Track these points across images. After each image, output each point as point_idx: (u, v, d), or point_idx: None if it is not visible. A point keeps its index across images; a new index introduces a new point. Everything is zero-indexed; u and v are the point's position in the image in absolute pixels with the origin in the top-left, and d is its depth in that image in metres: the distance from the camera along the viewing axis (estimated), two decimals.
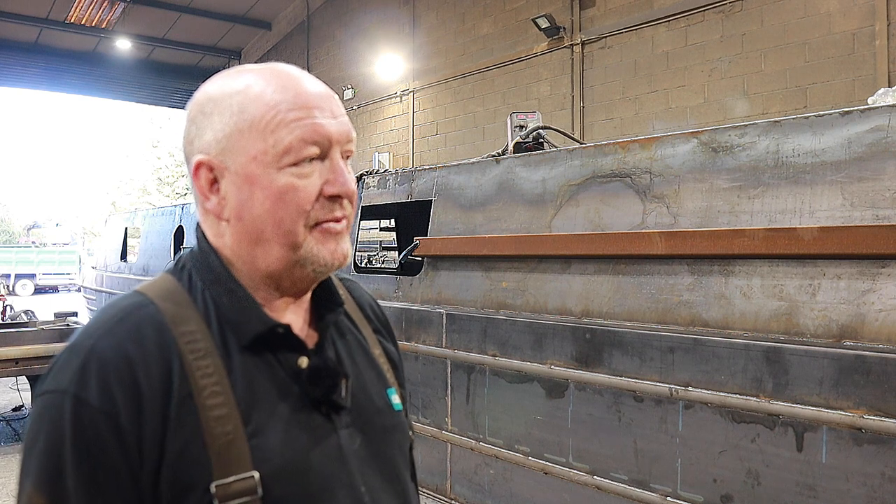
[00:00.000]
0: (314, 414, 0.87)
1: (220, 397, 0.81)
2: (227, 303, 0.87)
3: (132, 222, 9.61)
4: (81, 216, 46.45)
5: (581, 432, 2.87)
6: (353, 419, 0.91)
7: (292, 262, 0.87)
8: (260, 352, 0.86)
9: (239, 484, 0.78)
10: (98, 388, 0.77)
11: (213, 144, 0.87)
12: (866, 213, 2.12)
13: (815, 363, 2.16)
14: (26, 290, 26.91)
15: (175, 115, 32.13)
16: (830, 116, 2.25)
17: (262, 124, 0.84)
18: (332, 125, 0.87)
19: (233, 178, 0.86)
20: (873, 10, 7.39)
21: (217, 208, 0.88)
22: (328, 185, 0.87)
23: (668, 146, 2.69)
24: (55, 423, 0.77)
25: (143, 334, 0.81)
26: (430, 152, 13.43)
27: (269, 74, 0.88)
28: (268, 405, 0.84)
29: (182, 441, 0.78)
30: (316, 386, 0.87)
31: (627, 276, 2.74)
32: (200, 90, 0.91)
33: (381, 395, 0.98)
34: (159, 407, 0.78)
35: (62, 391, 0.78)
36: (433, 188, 3.75)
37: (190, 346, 0.82)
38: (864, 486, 2.06)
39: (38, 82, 19.07)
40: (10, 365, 5.55)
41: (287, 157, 0.84)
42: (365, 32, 15.12)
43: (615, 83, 10.10)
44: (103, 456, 0.76)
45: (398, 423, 0.99)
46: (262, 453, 0.80)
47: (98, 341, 0.80)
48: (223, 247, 0.90)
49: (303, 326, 0.94)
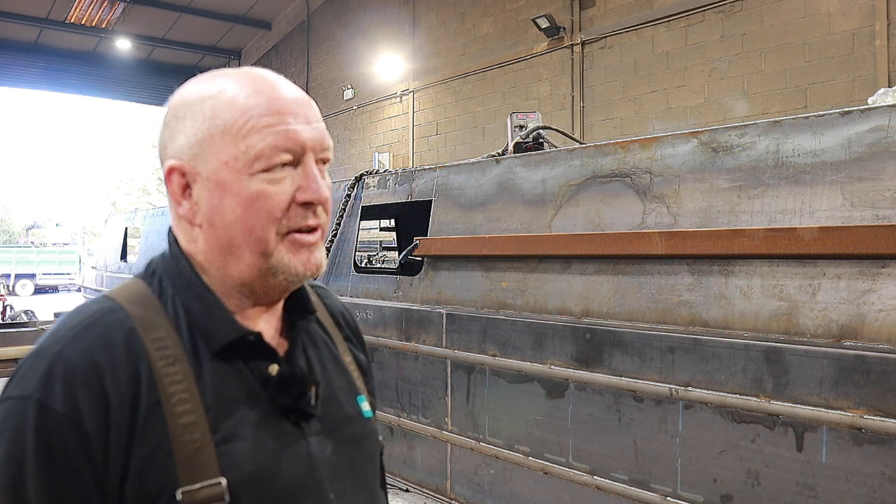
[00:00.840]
0: (283, 422, 0.87)
1: (188, 404, 0.80)
2: (198, 309, 0.86)
3: (132, 222, 9.61)
4: (81, 216, 46.46)
5: (581, 432, 2.87)
6: (324, 427, 0.91)
7: (263, 271, 0.86)
8: (230, 359, 0.86)
9: (206, 490, 0.77)
10: (63, 395, 0.76)
11: (185, 149, 0.86)
12: (866, 213, 2.12)
13: (815, 363, 2.16)
14: (26, 290, 26.92)
15: None
16: (830, 116, 2.25)
17: (234, 129, 0.84)
18: (306, 131, 0.86)
19: (205, 183, 0.85)
20: (873, 10, 7.39)
21: (189, 214, 0.87)
22: (300, 192, 0.86)
23: (668, 146, 2.69)
24: (18, 429, 0.76)
25: (112, 340, 0.80)
26: (430, 152, 13.43)
27: (244, 79, 0.87)
28: (237, 412, 0.83)
29: (149, 448, 0.77)
30: (285, 394, 0.87)
31: (627, 276, 2.74)
32: (176, 94, 0.90)
33: (352, 403, 0.98)
34: (126, 414, 0.77)
35: (26, 397, 0.77)
36: (433, 188, 3.75)
37: (159, 352, 0.81)
38: (864, 486, 2.06)
39: (38, 82, 19.07)
40: (9, 365, 5.55)
41: (258, 163, 0.83)
42: (365, 32, 15.12)
43: (615, 83, 10.10)
44: (67, 463, 0.75)
45: (369, 431, 0.99)
46: (230, 460, 0.80)
47: (65, 347, 0.79)
48: (196, 252, 0.89)
49: (274, 334, 0.94)
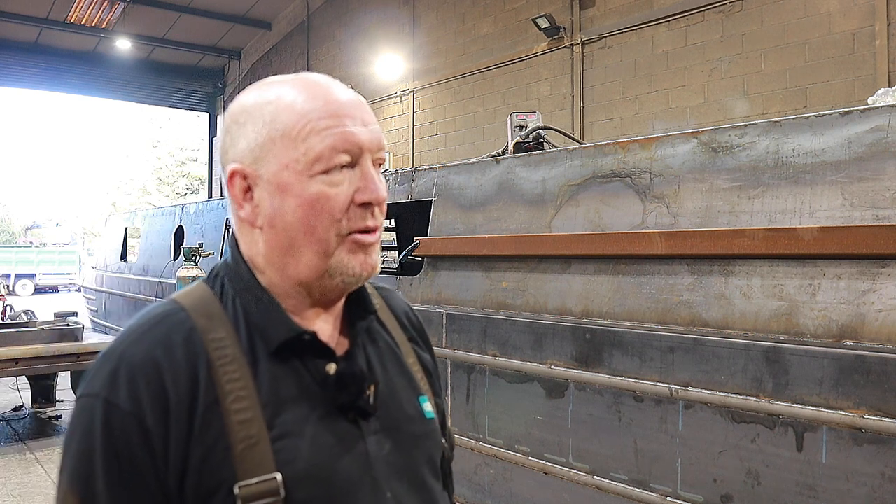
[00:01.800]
0: (341, 420, 0.88)
1: (245, 402, 0.82)
2: (256, 310, 0.89)
3: (132, 222, 9.61)
4: (81, 216, 46.44)
5: (581, 432, 2.87)
6: (382, 426, 0.92)
7: (322, 272, 0.88)
8: (287, 358, 0.88)
9: (262, 485, 0.79)
10: (127, 393, 0.80)
11: (246, 153, 0.88)
12: (866, 213, 2.12)
13: (815, 363, 2.16)
14: (26, 290, 26.90)
15: (175, 115, 32.15)
16: (830, 116, 2.25)
17: (294, 133, 0.86)
18: (363, 133, 0.88)
19: (266, 186, 0.87)
20: (873, 10, 7.39)
21: (251, 216, 0.90)
22: (359, 193, 0.87)
23: (668, 146, 2.69)
24: (88, 425, 0.81)
25: (173, 341, 0.84)
26: (430, 152, 13.43)
27: (300, 84, 0.89)
28: (293, 410, 0.85)
29: (207, 445, 0.80)
30: (342, 392, 0.88)
31: (627, 276, 2.74)
32: (235, 101, 0.93)
33: (413, 403, 0.98)
34: (185, 412, 0.81)
35: (95, 395, 0.82)
36: (433, 188, 3.75)
37: (218, 352, 0.84)
38: (864, 486, 2.06)
39: (38, 82, 19.05)
40: (10, 365, 5.54)
41: (318, 165, 0.85)
42: (365, 32, 15.12)
43: (615, 83, 10.10)
44: (131, 458, 0.79)
45: (429, 432, 0.99)
46: (286, 456, 0.82)
47: (129, 347, 0.84)
48: (256, 254, 0.91)
49: (333, 333, 0.95)
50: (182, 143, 33.98)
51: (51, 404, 6.83)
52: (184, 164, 33.92)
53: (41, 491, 4.63)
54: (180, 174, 33.93)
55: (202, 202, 7.67)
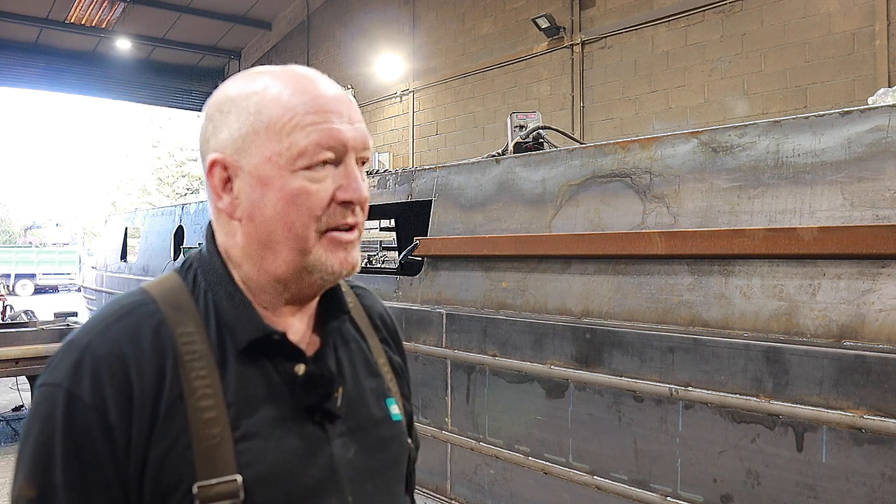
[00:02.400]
0: (307, 422, 0.87)
1: (210, 399, 0.81)
2: (227, 306, 0.87)
3: (132, 222, 9.61)
4: (81, 216, 46.43)
5: (581, 432, 2.87)
6: (349, 428, 0.91)
7: (300, 268, 0.87)
8: (256, 357, 0.86)
9: (221, 486, 0.78)
10: (90, 385, 0.78)
11: (228, 143, 0.87)
12: (866, 213, 2.12)
13: (815, 363, 2.16)
14: (26, 290, 26.91)
15: (175, 115, 32.12)
16: (830, 116, 2.25)
17: (279, 126, 0.84)
18: (349, 131, 0.87)
19: (246, 178, 0.86)
20: (873, 10, 7.39)
21: (229, 207, 0.88)
22: (341, 191, 0.86)
23: (668, 146, 2.69)
24: (48, 416, 0.78)
25: (140, 333, 0.82)
26: (430, 152, 13.43)
27: (287, 76, 0.88)
28: (259, 411, 0.83)
29: (169, 441, 0.79)
30: (309, 393, 0.87)
31: (627, 276, 2.74)
32: (219, 89, 0.91)
33: (380, 406, 0.97)
34: (149, 406, 0.79)
35: (57, 385, 0.79)
36: (433, 188, 3.75)
37: (186, 346, 0.82)
38: (864, 486, 2.06)
39: (38, 82, 19.06)
40: (10, 365, 5.55)
41: (301, 161, 0.84)
42: (365, 32, 15.12)
43: (615, 83, 10.10)
44: (92, 451, 0.77)
45: (396, 435, 0.98)
46: (248, 458, 0.80)
47: (95, 338, 0.81)
48: (233, 247, 0.89)
49: (305, 332, 0.93)
50: (182, 143, 33.97)
51: None
52: (184, 164, 33.92)
53: None
54: (180, 174, 33.92)
55: (202, 202, 7.67)
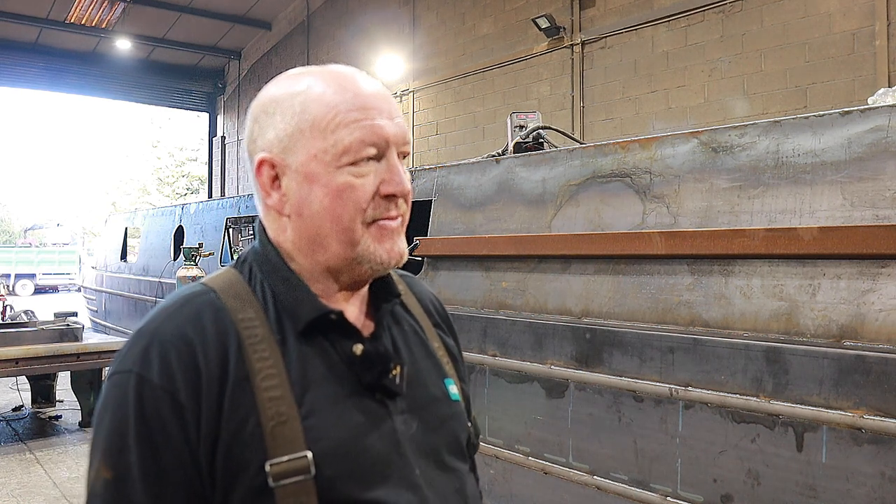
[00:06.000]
0: (368, 399, 0.89)
1: (274, 379, 0.84)
2: (284, 291, 0.91)
3: (132, 222, 9.61)
4: (81, 216, 46.40)
5: (581, 432, 2.87)
6: (409, 406, 0.93)
7: (350, 259, 0.90)
8: (315, 338, 0.89)
9: (292, 463, 0.80)
10: (159, 367, 0.82)
11: (275, 143, 0.90)
12: (866, 213, 2.12)
13: (815, 363, 2.16)
14: (26, 290, 26.89)
15: (175, 115, 32.13)
16: (830, 116, 2.25)
17: (323, 124, 0.88)
18: (390, 127, 0.90)
19: (293, 175, 0.90)
20: (873, 10, 7.39)
21: (278, 204, 0.91)
22: (384, 185, 0.90)
23: (668, 146, 2.69)
24: (121, 400, 0.82)
25: (203, 319, 0.86)
26: (430, 152, 13.43)
27: (329, 76, 0.92)
28: (321, 388, 0.86)
29: (238, 421, 0.81)
30: (368, 371, 0.89)
31: (627, 276, 2.74)
32: (263, 91, 0.95)
33: (438, 385, 1.00)
34: (216, 387, 0.82)
35: (127, 371, 0.83)
36: (433, 188, 3.75)
37: (248, 331, 0.86)
38: (864, 486, 2.06)
39: (38, 82, 19.03)
40: (10, 365, 5.54)
41: (346, 157, 0.88)
42: (365, 32, 15.12)
43: (615, 83, 10.10)
44: (163, 431, 0.80)
45: (455, 413, 1.00)
46: (315, 433, 0.83)
47: (160, 325, 0.86)
48: (284, 241, 0.93)
49: (359, 315, 0.97)
50: (182, 143, 33.95)
51: (51, 404, 6.83)
52: (184, 164, 33.89)
53: (41, 491, 4.63)
54: (180, 174, 33.89)
55: (202, 202, 7.67)
